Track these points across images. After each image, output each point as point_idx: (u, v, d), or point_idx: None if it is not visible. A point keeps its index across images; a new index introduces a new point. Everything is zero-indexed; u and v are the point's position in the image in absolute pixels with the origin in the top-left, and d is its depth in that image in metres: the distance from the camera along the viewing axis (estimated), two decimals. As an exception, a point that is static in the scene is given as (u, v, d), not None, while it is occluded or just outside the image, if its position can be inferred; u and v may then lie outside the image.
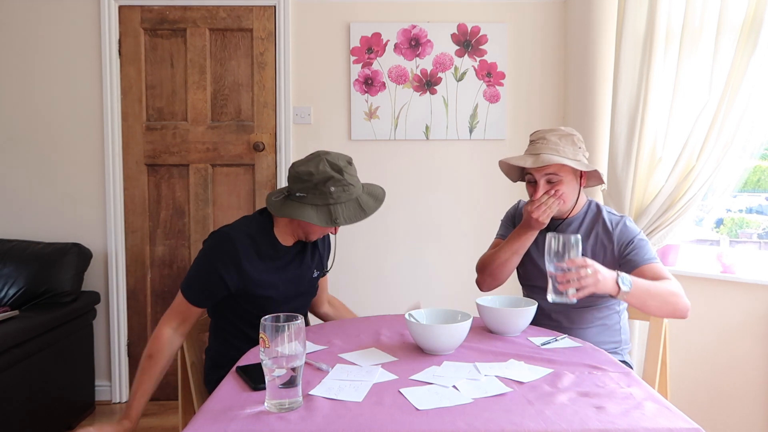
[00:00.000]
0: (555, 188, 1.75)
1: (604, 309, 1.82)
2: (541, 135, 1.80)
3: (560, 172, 1.76)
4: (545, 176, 1.76)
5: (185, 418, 1.78)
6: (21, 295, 2.66)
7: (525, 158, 1.77)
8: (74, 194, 3.02)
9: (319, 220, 1.63)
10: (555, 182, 1.76)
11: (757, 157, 2.42)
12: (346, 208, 1.66)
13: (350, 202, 1.67)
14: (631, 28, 2.45)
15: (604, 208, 1.84)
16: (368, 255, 3.11)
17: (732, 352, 2.33)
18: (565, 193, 1.77)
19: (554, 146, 1.76)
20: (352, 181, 1.68)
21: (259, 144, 3.01)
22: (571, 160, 1.75)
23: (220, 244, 1.67)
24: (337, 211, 1.64)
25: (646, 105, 2.41)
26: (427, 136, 3.06)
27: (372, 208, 1.71)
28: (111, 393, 3.07)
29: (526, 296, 1.94)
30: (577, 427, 1.05)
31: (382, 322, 1.76)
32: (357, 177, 1.72)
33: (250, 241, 1.69)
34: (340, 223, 1.64)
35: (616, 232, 1.76)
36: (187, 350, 1.74)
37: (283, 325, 1.12)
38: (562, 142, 1.77)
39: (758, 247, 2.57)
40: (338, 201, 1.65)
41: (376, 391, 1.21)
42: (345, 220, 1.65)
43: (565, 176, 1.76)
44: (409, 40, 3.02)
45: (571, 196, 1.79)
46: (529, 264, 1.89)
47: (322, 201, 1.64)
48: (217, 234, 1.70)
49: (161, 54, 3.02)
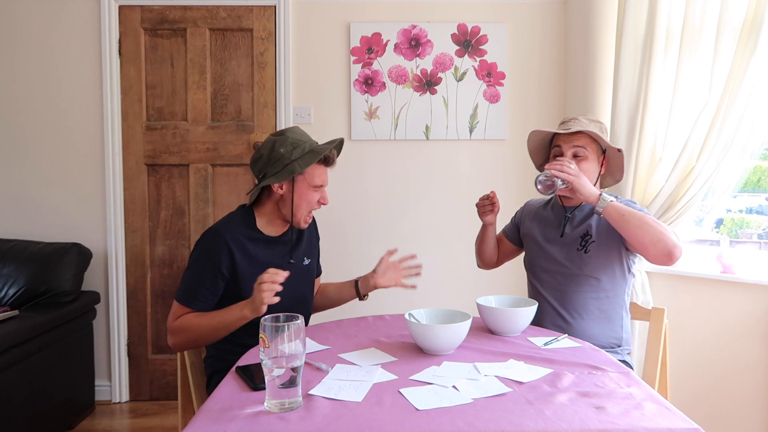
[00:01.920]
0: (580, 163, 1.80)
1: (605, 300, 1.83)
2: (572, 117, 1.89)
3: (588, 147, 1.82)
4: (573, 148, 1.82)
5: (185, 418, 1.78)
6: (21, 295, 2.66)
7: (559, 129, 1.84)
8: (74, 194, 3.02)
9: (278, 178, 1.70)
10: (581, 156, 1.81)
11: (757, 158, 2.42)
12: (302, 159, 1.71)
13: (305, 154, 1.72)
14: (631, 28, 2.45)
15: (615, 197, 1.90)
16: (367, 254, 3.11)
17: (732, 352, 2.33)
18: (587, 170, 1.81)
19: (585, 125, 1.84)
20: (298, 137, 1.74)
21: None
22: (602, 134, 1.83)
23: (212, 240, 1.70)
24: (294, 165, 1.70)
25: (646, 105, 2.41)
26: (427, 136, 3.06)
27: (324, 149, 1.74)
28: (111, 393, 3.07)
29: (530, 283, 2.00)
30: (576, 427, 1.05)
31: (381, 323, 1.76)
32: (306, 135, 1.78)
33: (238, 233, 1.72)
34: (297, 170, 1.69)
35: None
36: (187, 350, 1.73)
37: (283, 325, 1.12)
38: (592, 125, 1.85)
39: (758, 248, 2.57)
40: (292, 158, 1.70)
41: (376, 391, 1.21)
42: (301, 167, 1.69)
43: (590, 153, 1.83)
44: (409, 40, 3.02)
45: (593, 174, 1.84)
46: (534, 249, 1.95)
47: (279, 165, 1.71)
48: (205, 233, 1.74)
49: (161, 54, 3.02)
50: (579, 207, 1.89)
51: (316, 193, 1.77)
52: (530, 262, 1.99)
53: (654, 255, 1.64)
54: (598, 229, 1.83)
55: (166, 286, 3.06)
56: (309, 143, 1.75)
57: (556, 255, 1.88)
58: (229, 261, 1.68)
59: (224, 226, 1.74)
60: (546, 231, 1.94)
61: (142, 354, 3.07)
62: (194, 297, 1.66)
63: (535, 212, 2.02)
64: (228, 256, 1.68)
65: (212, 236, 1.71)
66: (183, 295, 1.67)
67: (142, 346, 3.07)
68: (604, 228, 1.81)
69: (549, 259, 1.90)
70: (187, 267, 1.72)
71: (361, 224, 3.10)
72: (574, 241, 1.85)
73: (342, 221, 3.10)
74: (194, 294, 1.66)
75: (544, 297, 1.89)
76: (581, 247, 1.83)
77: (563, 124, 1.89)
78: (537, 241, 1.94)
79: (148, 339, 3.07)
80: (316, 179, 1.75)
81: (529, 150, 1.99)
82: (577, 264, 1.83)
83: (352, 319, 1.86)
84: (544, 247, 1.91)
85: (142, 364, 3.08)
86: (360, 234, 3.11)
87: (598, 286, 1.82)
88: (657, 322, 1.85)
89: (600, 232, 1.82)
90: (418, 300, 3.08)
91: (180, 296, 1.67)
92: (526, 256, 2.03)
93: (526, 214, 2.05)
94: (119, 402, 3.06)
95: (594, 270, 1.82)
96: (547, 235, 1.93)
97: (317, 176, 1.75)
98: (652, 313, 1.90)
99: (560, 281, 1.86)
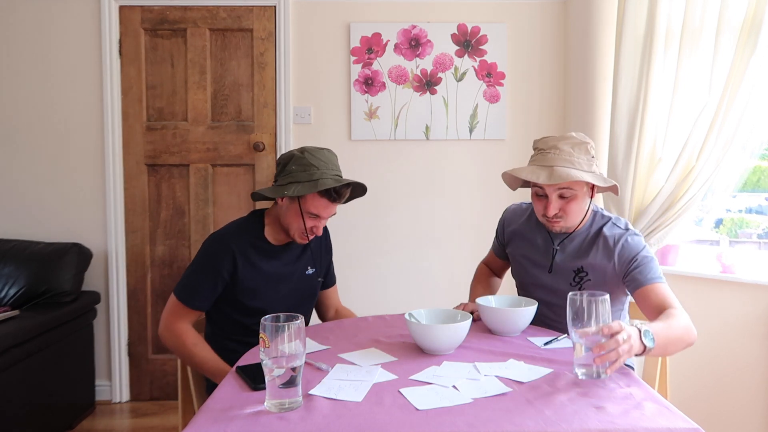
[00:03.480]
0: (567, 204, 1.62)
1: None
2: (552, 144, 1.62)
3: (574, 187, 1.61)
4: (558, 191, 1.61)
5: (185, 418, 1.78)
6: (21, 295, 2.66)
7: (537, 172, 1.59)
8: (74, 194, 3.02)
9: (274, 192, 1.68)
10: (568, 197, 1.62)
11: (757, 157, 2.42)
12: (300, 186, 1.65)
13: (307, 182, 1.65)
14: (631, 28, 2.45)
15: (608, 221, 1.71)
16: (367, 254, 3.11)
17: (732, 352, 2.33)
18: (576, 210, 1.64)
19: (568, 157, 1.59)
20: (315, 162, 1.67)
21: (259, 144, 3.01)
22: (588, 174, 1.60)
23: (219, 245, 1.72)
24: (290, 187, 1.65)
25: (646, 105, 2.41)
26: (427, 136, 3.06)
27: (326, 184, 1.65)
28: (111, 393, 3.07)
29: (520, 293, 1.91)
30: (576, 427, 1.05)
31: (381, 322, 1.76)
32: (331, 165, 1.71)
33: (245, 242, 1.73)
34: (289, 193, 1.63)
35: (616, 250, 1.63)
36: (187, 350, 1.74)
37: (283, 325, 1.12)
38: (576, 152, 1.60)
39: (758, 247, 2.57)
40: (296, 179, 1.66)
41: (376, 391, 1.21)
42: (295, 192, 1.63)
43: (579, 190, 1.62)
44: (409, 40, 3.02)
45: (583, 209, 1.67)
46: (522, 273, 1.82)
47: (284, 180, 1.69)
48: (212, 237, 1.75)
49: (161, 54, 3.02)
50: (569, 236, 1.71)
51: (309, 220, 1.71)
52: (520, 282, 1.85)
53: None
54: (594, 269, 1.66)
55: (166, 286, 3.06)
56: (321, 171, 1.67)
57: (547, 283, 1.74)
58: (231, 267, 1.70)
59: (233, 234, 1.75)
60: (533, 256, 1.77)
61: (142, 354, 3.07)
62: (192, 296, 1.70)
63: (520, 230, 1.85)
64: (231, 264, 1.70)
65: (219, 242, 1.72)
66: (182, 292, 1.70)
67: (142, 346, 3.08)
68: (600, 271, 1.65)
69: (539, 286, 1.76)
70: (190, 264, 1.74)
71: (361, 224, 3.10)
72: (567, 274, 1.70)
73: (341, 221, 3.10)
74: (193, 294, 1.70)
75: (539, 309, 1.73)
76: (575, 283, 1.68)
77: (541, 153, 1.63)
78: (524, 267, 1.80)
79: (149, 339, 3.07)
80: (312, 209, 1.69)
81: (504, 182, 1.77)
82: None
83: (352, 319, 1.86)
84: (533, 274, 1.77)
85: (142, 364, 3.08)
86: (360, 234, 3.11)
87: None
88: (657, 322, 1.84)
89: (596, 271, 1.66)
90: (418, 300, 3.08)
91: (179, 292, 1.70)
92: (514, 273, 1.87)
93: (508, 223, 1.90)
94: (119, 402, 3.06)
95: None
96: (535, 260, 1.77)
97: (314, 207, 1.69)
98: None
99: (554, 301, 1.71)
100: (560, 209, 1.63)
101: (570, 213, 1.64)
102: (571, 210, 1.63)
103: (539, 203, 1.67)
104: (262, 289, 1.76)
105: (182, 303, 1.69)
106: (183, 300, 1.69)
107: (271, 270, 1.77)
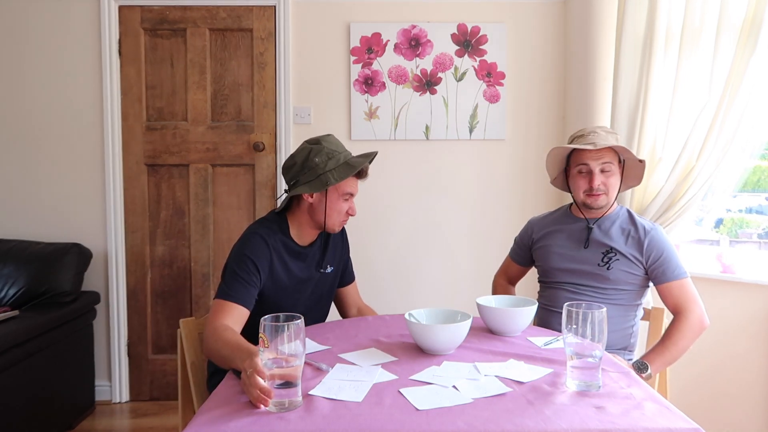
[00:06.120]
0: (608, 179, 1.82)
1: (621, 308, 1.83)
2: (591, 130, 1.86)
3: (614, 162, 1.83)
4: (601, 164, 1.81)
5: (185, 418, 1.78)
6: (21, 295, 2.66)
7: (586, 144, 1.80)
8: (74, 194, 3.02)
9: (311, 188, 1.70)
10: (608, 171, 1.82)
11: (757, 157, 2.42)
12: (336, 172, 1.71)
13: (339, 166, 1.71)
14: (631, 28, 2.45)
15: (634, 214, 1.88)
16: (367, 254, 3.11)
17: (732, 352, 2.33)
18: (614, 186, 1.84)
19: (605, 138, 1.82)
20: (333, 147, 1.73)
21: (259, 144, 3.01)
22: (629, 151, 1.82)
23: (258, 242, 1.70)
24: (328, 176, 1.70)
25: (646, 105, 2.41)
26: (427, 136, 3.06)
27: (360, 163, 1.73)
28: (111, 393, 3.07)
29: (540, 293, 1.99)
30: (577, 427, 1.05)
31: (381, 323, 1.76)
32: (341, 145, 1.77)
33: (278, 241, 1.74)
34: (331, 182, 1.69)
35: (646, 242, 1.80)
36: (187, 350, 1.74)
37: (283, 325, 1.12)
38: (611, 137, 1.84)
39: (758, 247, 2.57)
40: (327, 169, 1.70)
41: (376, 391, 1.21)
42: (335, 179, 1.69)
43: (616, 168, 1.84)
44: (409, 40, 3.02)
45: (617, 187, 1.86)
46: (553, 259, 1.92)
47: (312, 175, 1.70)
48: (250, 236, 1.72)
49: (161, 54, 3.02)
50: (601, 218, 1.88)
51: (345, 203, 1.77)
52: (545, 269, 1.96)
53: None
54: (622, 248, 1.82)
55: (166, 286, 3.06)
56: (344, 154, 1.74)
57: (577, 267, 1.86)
58: (268, 265, 1.70)
59: (266, 231, 1.73)
60: (568, 241, 1.91)
61: (142, 354, 3.07)
62: (230, 289, 1.62)
63: (548, 223, 2.00)
64: (268, 261, 1.70)
65: (257, 240, 1.70)
66: (220, 290, 1.62)
67: (142, 346, 3.08)
68: (627, 258, 1.81)
69: (568, 272, 1.88)
70: (226, 267, 1.69)
71: (361, 224, 3.10)
72: (596, 255, 1.84)
73: (342, 221, 3.10)
74: (230, 287, 1.62)
75: (556, 303, 1.87)
76: (603, 263, 1.82)
77: (582, 137, 1.85)
78: (556, 252, 1.91)
79: (148, 339, 3.07)
80: (348, 189, 1.76)
81: (546, 164, 1.95)
82: (599, 279, 1.82)
83: (352, 319, 1.86)
84: (566, 255, 1.89)
85: (142, 364, 3.08)
86: (360, 234, 3.10)
87: (617, 297, 1.82)
88: (657, 322, 1.85)
89: (624, 257, 1.81)
90: (418, 300, 3.08)
91: (218, 292, 1.62)
92: (540, 266, 1.99)
93: (537, 229, 2.02)
94: (119, 402, 3.06)
95: (615, 283, 1.81)
96: (570, 244, 1.90)
97: (349, 186, 1.76)
98: (652, 313, 1.90)
99: (580, 289, 1.85)
100: (602, 182, 1.82)
101: (610, 187, 1.83)
102: (611, 184, 1.83)
103: (583, 180, 1.84)
104: (290, 290, 1.77)
105: (221, 299, 1.60)
106: (221, 295, 1.61)
107: (298, 270, 1.78)
